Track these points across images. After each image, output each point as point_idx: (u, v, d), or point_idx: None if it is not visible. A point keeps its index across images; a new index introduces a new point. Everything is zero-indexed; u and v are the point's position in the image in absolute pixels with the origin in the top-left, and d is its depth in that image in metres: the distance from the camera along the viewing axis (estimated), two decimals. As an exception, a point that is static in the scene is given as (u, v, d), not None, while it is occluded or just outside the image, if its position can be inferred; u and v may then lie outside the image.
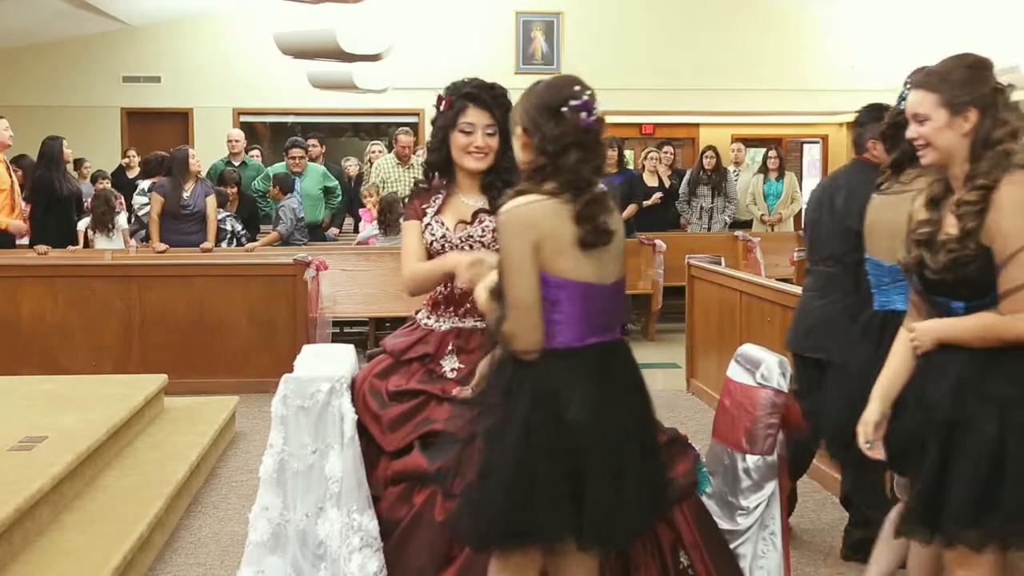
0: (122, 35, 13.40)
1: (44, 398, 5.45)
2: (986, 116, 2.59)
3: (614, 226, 2.60)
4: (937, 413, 2.61)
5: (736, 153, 11.82)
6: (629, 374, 2.65)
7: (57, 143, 8.82)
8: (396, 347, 3.26)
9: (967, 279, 2.56)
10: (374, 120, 14.86)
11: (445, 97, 3.25)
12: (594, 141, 2.62)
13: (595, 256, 2.56)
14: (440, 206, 3.26)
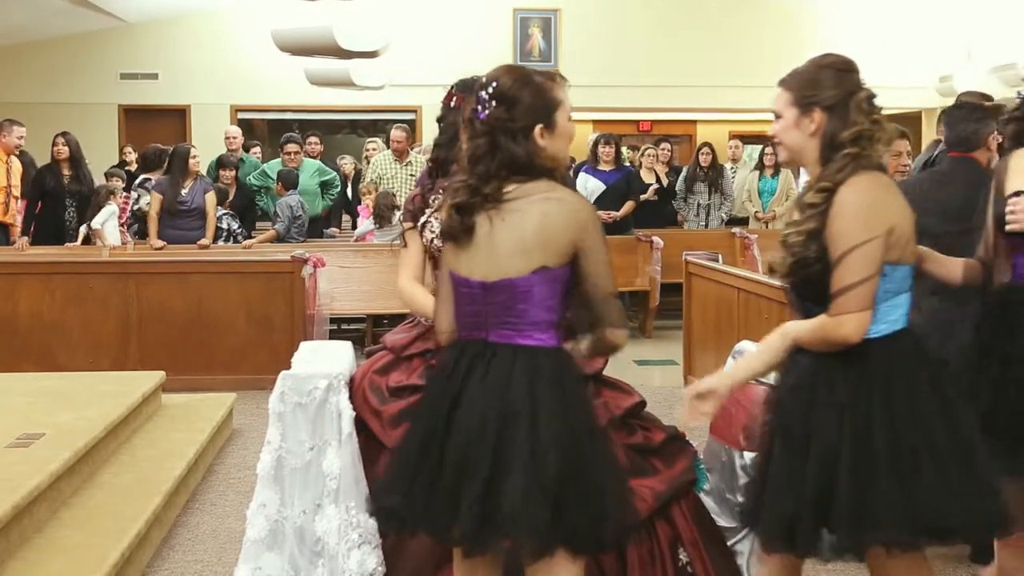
0: (120, 32, 13.37)
1: (42, 395, 5.45)
2: (833, 117, 2.57)
3: (477, 225, 2.54)
4: (788, 420, 2.61)
5: (733, 150, 11.82)
6: (497, 378, 2.47)
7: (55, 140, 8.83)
8: (397, 343, 3.25)
9: (811, 281, 2.56)
10: (372, 117, 14.85)
11: (456, 93, 3.23)
12: (481, 132, 2.54)
13: (465, 251, 2.56)
14: (442, 203, 3.24)
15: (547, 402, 2.42)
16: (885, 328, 2.53)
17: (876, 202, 2.50)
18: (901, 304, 2.57)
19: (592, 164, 10.04)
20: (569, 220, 2.49)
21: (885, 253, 2.49)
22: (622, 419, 3.14)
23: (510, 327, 2.50)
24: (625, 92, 13.67)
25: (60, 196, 8.85)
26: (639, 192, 10.23)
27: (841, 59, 2.65)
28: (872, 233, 2.46)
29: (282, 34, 9.68)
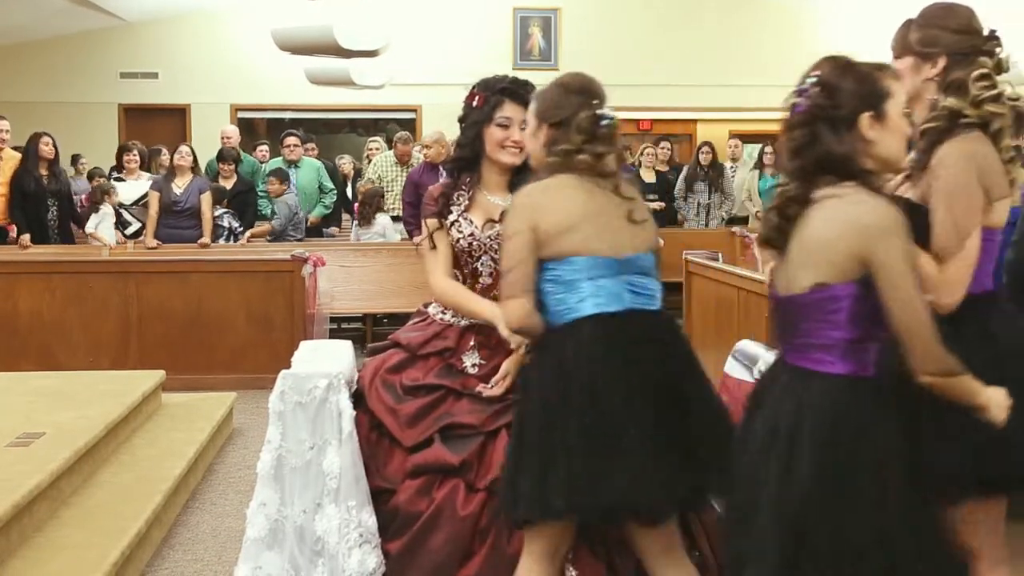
0: (120, 31, 13.38)
1: (41, 394, 5.45)
2: (558, 132, 2.74)
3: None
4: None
5: (733, 149, 11.82)
6: (775, 399, 2.50)
7: (35, 140, 8.76)
8: (412, 341, 3.24)
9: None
10: (372, 116, 14.85)
11: (478, 93, 3.22)
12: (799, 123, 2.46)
13: (781, 260, 2.61)
14: (468, 204, 3.21)
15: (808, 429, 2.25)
16: (567, 313, 2.65)
17: (525, 204, 2.69)
18: (586, 293, 2.64)
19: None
20: (847, 226, 2.24)
21: (538, 248, 2.64)
22: None
23: (798, 349, 2.36)
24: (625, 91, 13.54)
25: (42, 196, 8.83)
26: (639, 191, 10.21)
27: (578, 82, 2.82)
28: (513, 229, 2.67)
29: (282, 33, 9.68)
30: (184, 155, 8.86)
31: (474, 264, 3.20)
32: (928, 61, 2.63)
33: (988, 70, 2.56)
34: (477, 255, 3.19)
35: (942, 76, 2.60)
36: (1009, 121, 2.56)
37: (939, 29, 2.62)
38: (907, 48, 2.69)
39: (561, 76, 2.89)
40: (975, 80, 2.54)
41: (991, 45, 2.61)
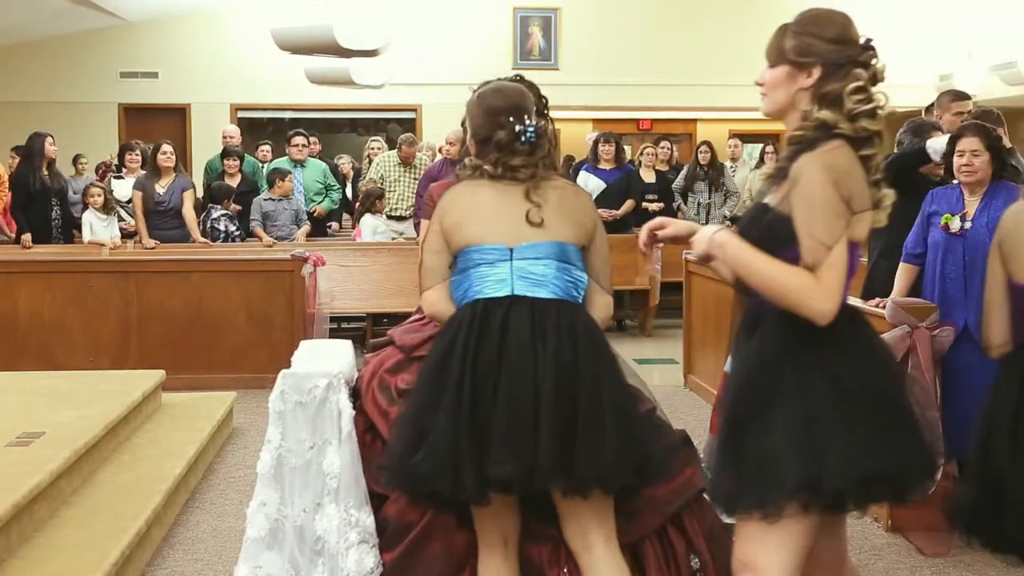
0: (120, 31, 13.39)
1: (41, 394, 5.45)
2: (482, 147, 2.96)
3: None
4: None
5: (733, 149, 11.82)
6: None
7: (39, 140, 8.83)
8: (407, 343, 3.24)
9: None
10: (372, 116, 14.85)
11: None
12: None
13: None
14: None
15: None
16: (461, 299, 2.84)
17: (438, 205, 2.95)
18: (474, 279, 2.82)
19: (592, 163, 10.05)
20: None
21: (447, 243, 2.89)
22: None
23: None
24: (625, 91, 13.68)
25: (47, 196, 8.85)
26: (639, 191, 10.23)
27: (499, 100, 2.95)
28: (428, 227, 2.99)
29: (282, 33, 9.70)
30: (168, 155, 8.83)
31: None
32: (803, 71, 2.52)
33: (863, 83, 2.46)
34: None
35: (816, 87, 2.49)
36: (881, 138, 2.49)
37: (815, 38, 2.50)
38: (782, 56, 2.58)
39: (485, 91, 3.03)
40: (850, 93, 2.45)
41: (867, 56, 2.48)
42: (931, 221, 4.70)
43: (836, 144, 2.42)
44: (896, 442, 2.41)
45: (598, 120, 14.84)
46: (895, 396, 2.48)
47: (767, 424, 2.40)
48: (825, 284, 2.37)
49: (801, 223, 2.39)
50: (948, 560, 4.32)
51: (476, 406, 2.64)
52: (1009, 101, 12.02)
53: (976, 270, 4.53)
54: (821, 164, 2.40)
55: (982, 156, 4.55)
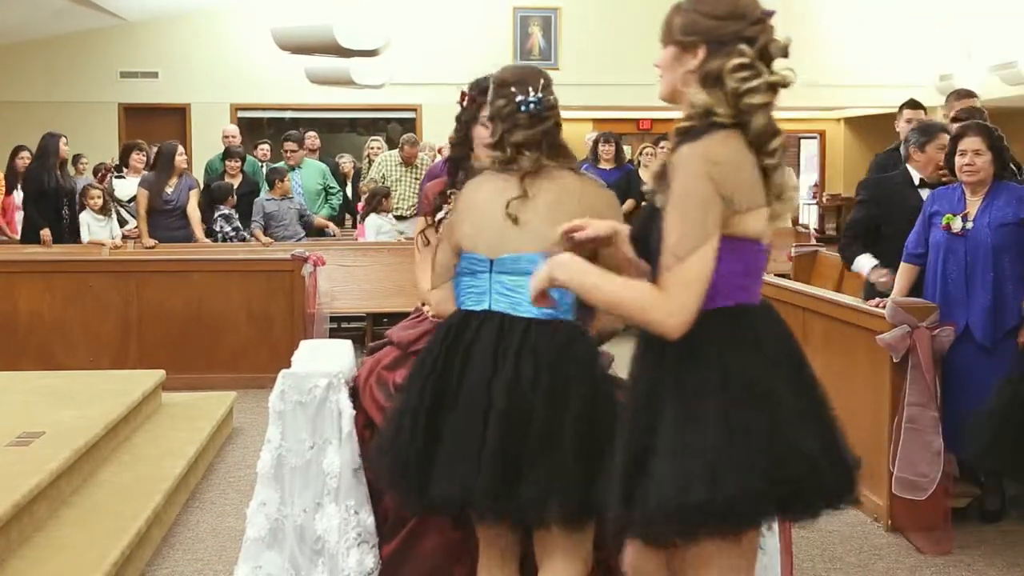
0: (120, 31, 13.38)
1: (41, 394, 5.45)
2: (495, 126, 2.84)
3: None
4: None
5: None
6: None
7: (54, 140, 8.86)
8: (403, 339, 3.26)
9: None
10: (372, 116, 14.86)
11: (468, 93, 3.27)
12: None
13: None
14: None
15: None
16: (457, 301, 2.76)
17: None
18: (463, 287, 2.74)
19: (592, 163, 10.05)
20: None
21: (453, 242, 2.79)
22: None
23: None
24: (625, 91, 13.66)
25: (58, 196, 8.86)
26: (639, 191, 10.22)
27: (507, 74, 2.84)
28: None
29: (282, 33, 9.69)
30: (184, 156, 8.91)
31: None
32: (688, 51, 2.29)
33: (748, 59, 2.21)
34: None
35: (700, 68, 2.26)
36: (769, 114, 2.26)
37: (699, 14, 2.28)
38: (669, 35, 2.37)
39: (502, 69, 2.92)
40: (731, 71, 2.20)
41: (754, 30, 2.24)
42: (932, 221, 4.70)
43: (722, 135, 2.21)
44: (790, 450, 2.18)
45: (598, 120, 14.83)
46: (789, 399, 2.23)
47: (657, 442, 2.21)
48: (672, 296, 2.16)
49: (669, 219, 2.19)
50: (948, 560, 4.32)
51: (431, 422, 2.57)
52: (1009, 101, 12.02)
53: (977, 270, 4.54)
54: (696, 158, 2.19)
55: (984, 156, 4.56)
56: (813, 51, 14.06)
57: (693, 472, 2.13)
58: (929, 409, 4.41)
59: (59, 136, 8.91)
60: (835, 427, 2.31)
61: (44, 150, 8.83)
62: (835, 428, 2.31)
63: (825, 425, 2.29)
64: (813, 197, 16.48)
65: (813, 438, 2.22)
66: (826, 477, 2.22)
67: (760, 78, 2.22)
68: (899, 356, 4.46)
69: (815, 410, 2.28)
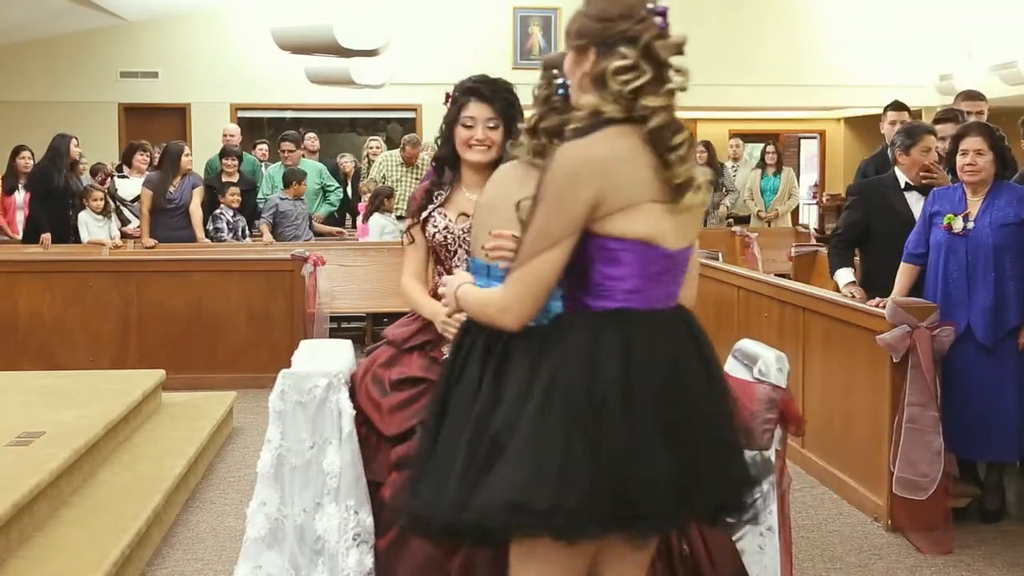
0: (120, 30, 13.38)
1: (41, 394, 5.45)
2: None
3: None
4: None
5: (734, 149, 11.81)
6: None
7: (65, 141, 8.88)
8: (398, 336, 3.28)
9: None
10: (372, 116, 14.85)
11: (451, 94, 3.32)
12: None
13: None
14: (445, 200, 3.31)
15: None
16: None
17: None
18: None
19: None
20: None
21: None
22: None
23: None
24: (625, 90, 13.66)
25: (66, 197, 8.87)
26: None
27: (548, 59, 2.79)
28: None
29: (282, 32, 9.69)
30: (191, 157, 8.94)
31: (452, 259, 3.25)
32: (582, 55, 2.26)
33: (630, 60, 2.17)
34: (453, 249, 3.26)
35: (592, 71, 2.23)
36: (668, 114, 2.20)
37: (588, 18, 2.25)
38: (567, 41, 2.33)
39: (557, 52, 2.80)
40: (613, 73, 2.17)
41: (638, 29, 2.19)
42: (933, 221, 4.71)
43: (610, 131, 2.19)
44: (568, 473, 2.10)
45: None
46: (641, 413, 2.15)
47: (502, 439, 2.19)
48: (508, 292, 2.20)
49: (532, 215, 2.19)
50: (948, 560, 4.32)
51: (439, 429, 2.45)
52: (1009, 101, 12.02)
53: (978, 270, 4.54)
54: (566, 158, 2.17)
55: (986, 156, 4.56)
56: (813, 51, 14.07)
57: (528, 474, 2.11)
58: (929, 409, 4.41)
59: (70, 137, 8.92)
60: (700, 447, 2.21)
61: (55, 150, 8.84)
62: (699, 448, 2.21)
63: (682, 444, 2.17)
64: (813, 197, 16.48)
65: (652, 456, 2.13)
66: (642, 494, 2.12)
67: (643, 77, 2.19)
68: (899, 356, 4.46)
69: (673, 428, 2.17)
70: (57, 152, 8.82)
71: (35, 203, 8.88)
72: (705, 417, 2.25)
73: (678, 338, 2.28)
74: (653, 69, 2.19)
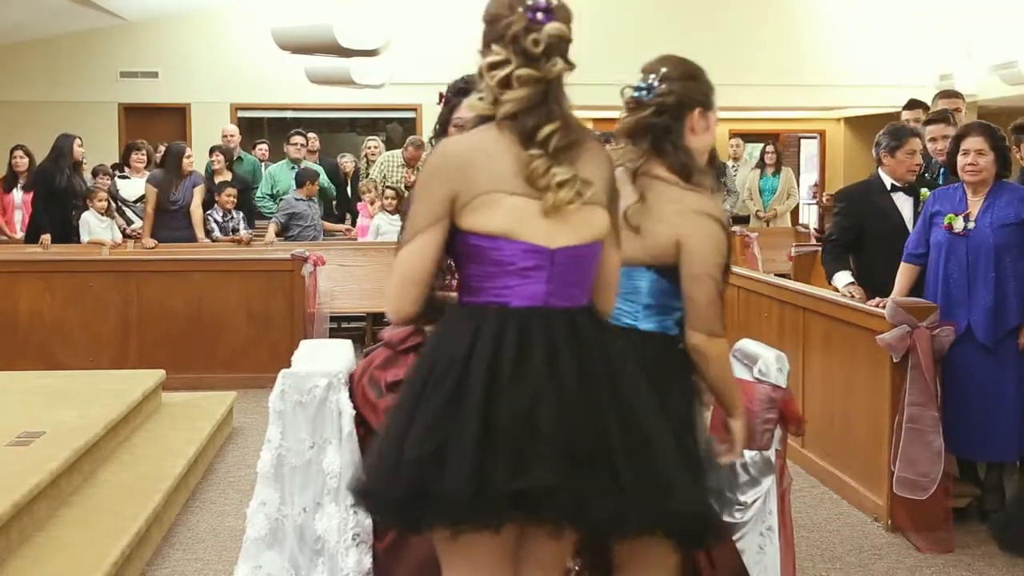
0: (120, 30, 13.37)
1: (42, 394, 5.45)
2: None
3: None
4: None
5: (734, 149, 11.81)
6: None
7: (68, 141, 8.88)
8: (394, 338, 3.27)
9: None
10: (372, 116, 14.84)
11: (444, 94, 3.34)
12: None
13: None
14: None
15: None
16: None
17: None
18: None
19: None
20: None
21: None
22: None
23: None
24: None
25: (68, 197, 8.86)
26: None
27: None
28: None
29: (282, 32, 9.69)
30: (191, 158, 8.95)
31: (447, 260, 3.25)
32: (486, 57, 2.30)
33: (499, 56, 2.21)
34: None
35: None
36: (529, 103, 2.21)
37: (483, 20, 2.30)
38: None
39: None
40: (485, 70, 2.24)
41: (507, 23, 2.22)
42: (934, 221, 4.71)
43: (476, 130, 2.28)
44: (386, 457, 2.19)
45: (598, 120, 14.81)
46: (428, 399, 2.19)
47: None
48: (389, 285, 2.29)
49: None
50: (948, 560, 4.32)
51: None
52: (1009, 101, 12.01)
53: (979, 270, 4.54)
54: (431, 154, 2.32)
55: (987, 156, 4.56)
56: (813, 51, 14.06)
57: (371, 461, 2.26)
58: (929, 409, 4.40)
59: (74, 137, 8.92)
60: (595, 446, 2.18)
61: (59, 150, 8.84)
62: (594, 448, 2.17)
63: (505, 434, 2.13)
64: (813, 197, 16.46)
65: (461, 445, 2.11)
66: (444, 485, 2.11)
67: (507, 68, 2.22)
68: (899, 356, 4.46)
69: (502, 421, 2.14)
70: (60, 152, 8.82)
71: (37, 203, 8.88)
72: (592, 416, 2.20)
73: (553, 336, 2.23)
74: (520, 60, 2.21)
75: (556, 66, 2.23)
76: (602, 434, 2.19)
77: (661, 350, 2.63)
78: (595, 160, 2.32)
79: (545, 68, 2.22)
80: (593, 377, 2.23)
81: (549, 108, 2.23)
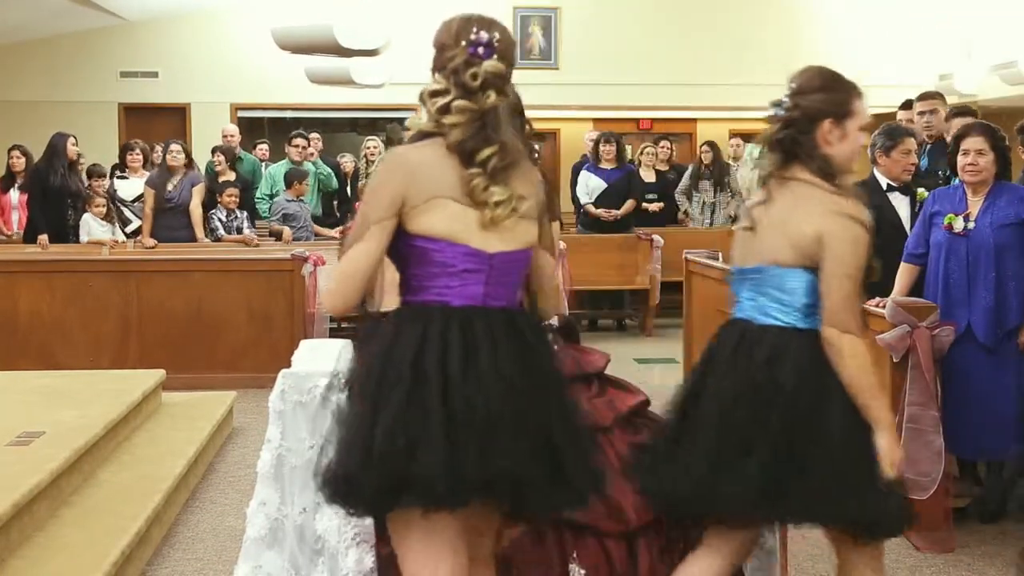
0: (120, 30, 13.37)
1: (41, 393, 5.45)
2: None
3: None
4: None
5: (735, 148, 11.81)
6: None
7: (63, 139, 8.88)
8: None
9: None
10: (372, 116, 14.83)
11: None
12: None
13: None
14: None
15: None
16: None
17: None
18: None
19: (593, 162, 10.05)
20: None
21: None
22: (627, 417, 3.20)
23: None
24: (625, 90, 13.65)
25: (63, 196, 8.86)
26: (639, 190, 10.22)
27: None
28: None
29: (282, 32, 9.69)
30: (175, 154, 8.88)
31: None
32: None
33: (439, 85, 2.46)
34: None
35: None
36: (468, 130, 2.41)
37: (432, 46, 2.52)
38: None
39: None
40: (427, 96, 2.48)
41: (450, 56, 2.45)
42: (934, 221, 4.71)
43: (425, 142, 2.46)
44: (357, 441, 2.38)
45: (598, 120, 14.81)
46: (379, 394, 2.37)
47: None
48: (334, 279, 2.47)
49: None
50: (948, 560, 4.32)
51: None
52: (1009, 101, 12.01)
53: (979, 270, 4.54)
54: (384, 160, 2.55)
55: (987, 156, 4.56)
56: (813, 51, 14.05)
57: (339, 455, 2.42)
58: (930, 409, 4.40)
59: (67, 136, 8.92)
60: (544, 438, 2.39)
61: (53, 149, 8.85)
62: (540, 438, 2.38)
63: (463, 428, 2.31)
64: (813, 197, 16.47)
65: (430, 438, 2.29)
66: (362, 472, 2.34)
67: (446, 98, 2.43)
68: (899, 356, 4.46)
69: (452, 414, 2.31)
70: (54, 151, 8.82)
71: (33, 203, 8.88)
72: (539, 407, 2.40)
73: (494, 333, 2.41)
74: (458, 92, 2.42)
75: (490, 99, 2.42)
76: (547, 425, 2.41)
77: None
78: (528, 178, 2.52)
79: (480, 100, 2.42)
80: (534, 370, 2.43)
81: (486, 135, 2.42)
